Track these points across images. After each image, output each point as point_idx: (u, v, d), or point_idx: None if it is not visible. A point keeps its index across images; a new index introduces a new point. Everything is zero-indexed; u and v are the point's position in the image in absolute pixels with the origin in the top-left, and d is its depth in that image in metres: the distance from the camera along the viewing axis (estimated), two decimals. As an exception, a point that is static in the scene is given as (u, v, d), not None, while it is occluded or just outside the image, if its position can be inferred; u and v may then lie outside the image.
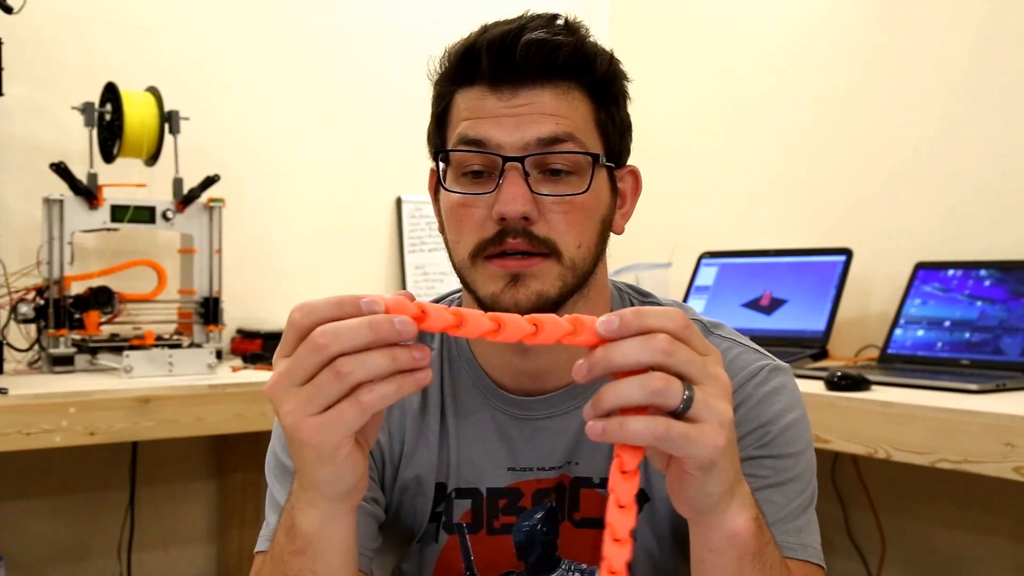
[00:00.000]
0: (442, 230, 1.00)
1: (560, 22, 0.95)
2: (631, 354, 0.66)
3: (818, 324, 2.25)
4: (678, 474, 0.71)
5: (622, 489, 0.68)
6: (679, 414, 0.66)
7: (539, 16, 0.95)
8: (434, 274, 2.80)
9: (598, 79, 0.96)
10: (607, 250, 1.01)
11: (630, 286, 1.09)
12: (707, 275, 2.54)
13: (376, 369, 0.67)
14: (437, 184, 0.99)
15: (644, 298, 1.08)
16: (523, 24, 0.93)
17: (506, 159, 0.91)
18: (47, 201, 2.15)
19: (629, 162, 1.03)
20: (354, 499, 0.78)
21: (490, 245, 0.93)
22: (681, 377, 0.66)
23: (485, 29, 0.95)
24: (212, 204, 2.32)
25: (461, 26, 0.98)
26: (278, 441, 1.02)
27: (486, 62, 0.93)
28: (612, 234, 1.01)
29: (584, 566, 1.02)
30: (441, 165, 0.98)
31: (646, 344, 0.66)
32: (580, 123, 0.94)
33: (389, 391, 0.68)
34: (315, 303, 0.70)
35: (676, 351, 0.66)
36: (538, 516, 1.01)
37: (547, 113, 0.92)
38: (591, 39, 0.96)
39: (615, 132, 0.98)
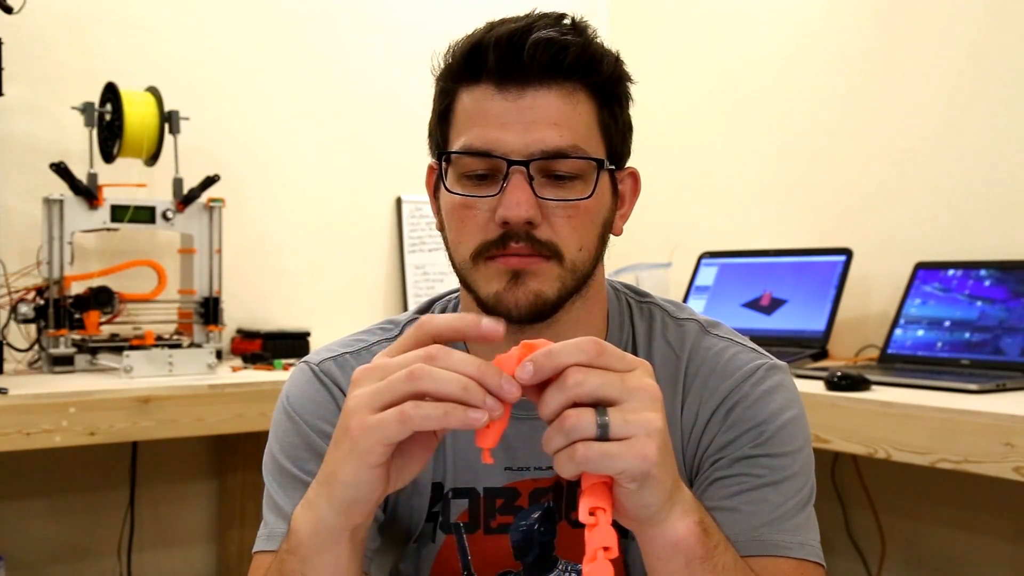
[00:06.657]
0: (441, 228, 1.00)
1: (567, 21, 0.94)
2: (552, 403, 0.70)
3: (818, 324, 2.25)
4: (616, 490, 0.72)
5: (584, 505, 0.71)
6: (604, 439, 0.69)
7: (546, 15, 0.94)
8: (434, 274, 2.80)
9: (603, 80, 0.95)
10: (605, 251, 1.00)
11: (627, 286, 1.09)
12: (707, 275, 2.54)
13: (445, 388, 0.69)
14: (437, 182, 0.98)
15: (641, 298, 1.08)
16: (531, 23, 0.92)
17: (511, 163, 0.91)
18: (47, 201, 2.15)
19: (630, 163, 1.02)
20: (352, 519, 0.77)
21: (493, 247, 0.93)
22: (602, 402, 0.69)
23: (491, 27, 0.94)
24: (212, 204, 2.32)
25: (463, 26, 0.97)
26: (276, 443, 1.01)
27: (493, 60, 0.92)
28: (611, 236, 1.00)
29: (581, 566, 1.01)
30: (442, 163, 0.97)
31: (559, 388, 0.69)
32: (584, 128, 0.93)
33: (434, 413, 0.69)
34: (440, 316, 0.75)
35: (586, 380, 0.69)
36: (535, 516, 1.01)
37: (552, 121, 0.91)
38: (598, 40, 0.96)
39: (617, 134, 0.98)
